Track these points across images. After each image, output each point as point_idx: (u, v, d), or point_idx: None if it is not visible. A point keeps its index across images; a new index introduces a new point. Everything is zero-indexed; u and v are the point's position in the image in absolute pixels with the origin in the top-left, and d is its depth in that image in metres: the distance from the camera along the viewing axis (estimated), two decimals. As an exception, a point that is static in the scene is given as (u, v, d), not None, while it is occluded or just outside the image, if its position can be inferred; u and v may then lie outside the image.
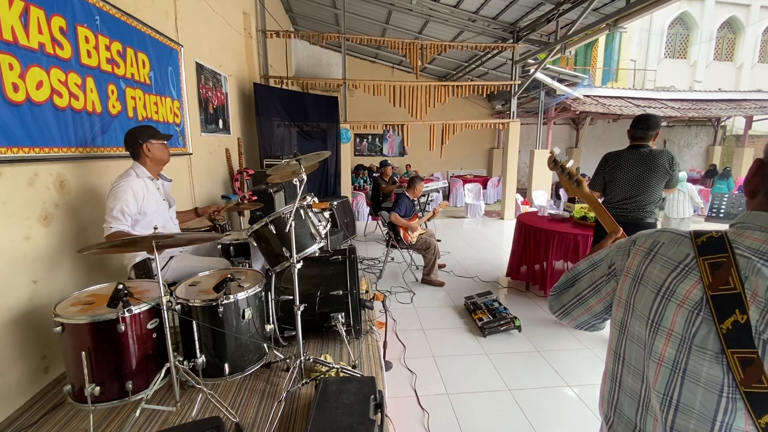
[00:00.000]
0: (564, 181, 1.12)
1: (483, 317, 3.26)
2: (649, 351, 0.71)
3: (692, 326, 0.63)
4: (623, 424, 0.78)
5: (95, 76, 2.28)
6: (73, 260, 2.15)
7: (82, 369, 1.50)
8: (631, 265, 0.75)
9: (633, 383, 0.76)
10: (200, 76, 3.86)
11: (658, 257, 0.71)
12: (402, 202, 4.42)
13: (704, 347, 0.62)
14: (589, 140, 13.35)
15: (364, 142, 12.88)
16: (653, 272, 0.70)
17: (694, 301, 0.63)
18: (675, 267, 0.68)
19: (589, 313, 0.88)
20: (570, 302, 0.90)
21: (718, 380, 0.60)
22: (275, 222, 1.87)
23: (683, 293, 0.65)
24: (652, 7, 4.29)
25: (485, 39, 7.59)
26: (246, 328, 1.81)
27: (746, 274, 0.59)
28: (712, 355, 0.61)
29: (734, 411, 0.59)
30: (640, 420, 0.74)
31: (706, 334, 0.62)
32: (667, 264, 0.69)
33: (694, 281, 0.64)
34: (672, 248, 0.69)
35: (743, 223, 0.64)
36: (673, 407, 0.66)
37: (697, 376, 0.63)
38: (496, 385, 2.50)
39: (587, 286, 0.86)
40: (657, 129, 2.68)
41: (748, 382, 0.57)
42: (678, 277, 0.67)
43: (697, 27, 14.39)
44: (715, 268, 0.62)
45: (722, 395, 0.60)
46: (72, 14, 2.13)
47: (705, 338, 0.62)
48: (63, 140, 2.06)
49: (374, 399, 1.72)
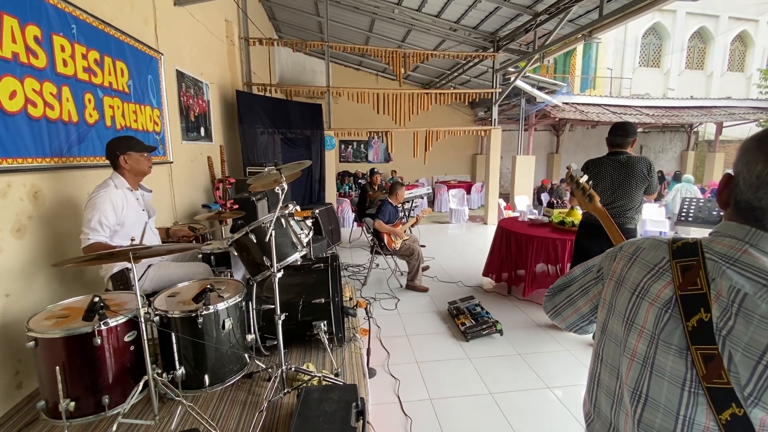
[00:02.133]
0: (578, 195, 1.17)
1: (466, 322, 3.30)
2: (623, 347, 0.75)
3: (661, 322, 0.68)
4: (601, 421, 0.82)
5: (71, 85, 2.25)
6: (48, 273, 2.10)
7: (56, 384, 1.47)
8: (616, 269, 0.80)
9: (609, 380, 0.80)
10: (181, 84, 3.84)
11: (638, 260, 0.76)
12: (385, 208, 4.45)
13: (669, 342, 0.66)
14: (569, 146, 13.69)
15: (349, 148, 12.91)
16: (632, 274, 0.75)
17: (665, 299, 0.68)
18: (651, 269, 0.72)
19: (577, 314, 0.92)
20: (561, 303, 0.95)
21: (681, 374, 0.65)
22: (255, 231, 1.87)
23: (655, 292, 0.70)
24: (624, 19, 4.46)
25: (467, 48, 7.75)
26: (226, 338, 1.80)
27: (713, 276, 0.64)
28: (676, 350, 0.65)
29: (696, 405, 0.63)
30: (614, 416, 0.79)
31: (673, 330, 0.66)
32: (645, 266, 0.74)
33: (666, 281, 0.69)
34: (651, 252, 0.74)
35: (718, 231, 0.69)
36: (642, 401, 0.70)
37: (663, 370, 0.67)
38: (478, 388, 2.54)
39: (577, 289, 0.91)
40: (634, 136, 2.78)
41: (710, 377, 0.61)
42: (652, 278, 0.71)
43: (670, 37, 14.96)
44: (685, 270, 0.67)
45: (684, 389, 0.64)
46: (47, 23, 2.11)
47: (671, 334, 0.66)
48: (37, 150, 2.02)
49: (356, 406, 1.73)
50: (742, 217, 0.66)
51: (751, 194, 0.63)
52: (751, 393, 0.58)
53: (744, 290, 0.61)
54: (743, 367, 0.59)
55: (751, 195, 0.63)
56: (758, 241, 0.63)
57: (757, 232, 0.64)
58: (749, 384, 0.58)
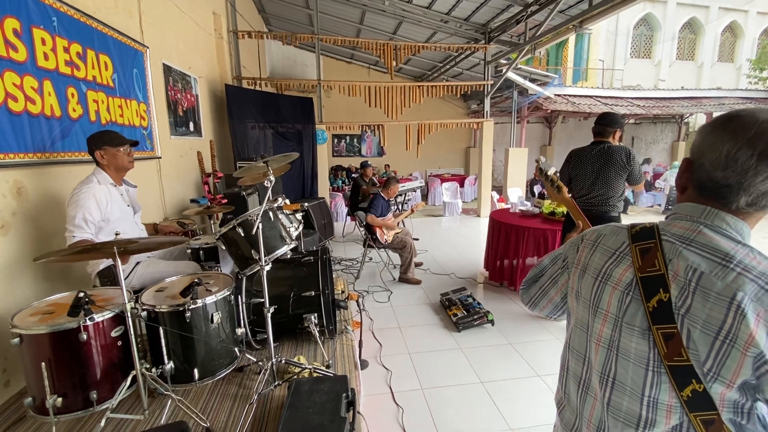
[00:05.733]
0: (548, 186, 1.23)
1: (458, 313, 3.33)
2: (590, 333, 0.77)
3: (624, 305, 0.70)
4: (570, 408, 0.84)
5: (53, 79, 2.21)
6: (34, 270, 2.08)
7: (43, 380, 1.46)
8: (580, 258, 0.81)
9: (575, 366, 0.82)
10: (168, 78, 3.78)
11: (599, 247, 0.78)
12: (377, 202, 4.45)
13: (632, 324, 0.68)
14: (561, 138, 13.72)
15: (342, 142, 12.85)
16: (595, 260, 0.77)
17: (626, 282, 0.70)
18: (612, 254, 0.75)
19: (551, 304, 0.94)
20: (536, 294, 0.97)
21: (644, 355, 0.67)
22: (243, 225, 1.86)
23: (617, 276, 0.72)
24: (613, 9, 4.47)
25: (458, 40, 7.71)
26: (215, 332, 1.80)
27: (670, 257, 0.66)
28: (639, 331, 0.67)
29: (659, 384, 0.65)
30: (580, 402, 0.80)
31: (635, 312, 0.68)
32: (606, 252, 0.76)
33: (626, 265, 0.71)
34: (612, 238, 0.76)
35: (675, 213, 0.71)
36: (610, 384, 0.72)
37: (628, 352, 0.69)
38: (469, 378, 2.56)
39: (548, 279, 0.93)
40: (615, 126, 2.80)
41: (671, 356, 0.63)
42: (614, 263, 0.74)
43: (660, 28, 15.00)
44: (644, 252, 0.69)
45: (648, 369, 0.66)
46: (27, 16, 2.06)
47: (633, 316, 0.68)
48: (19, 146, 1.99)
49: (346, 397, 1.74)
50: (704, 197, 0.68)
51: (720, 173, 0.65)
52: (710, 369, 0.60)
53: (700, 269, 0.63)
54: (702, 344, 0.61)
55: (720, 174, 0.65)
56: (713, 219, 0.66)
57: (712, 210, 0.66)
58: (708, 360, 0.60)
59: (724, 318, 0.59)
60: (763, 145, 0.61)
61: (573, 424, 0.82)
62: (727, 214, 0.66)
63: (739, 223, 0.65)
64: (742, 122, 0.63)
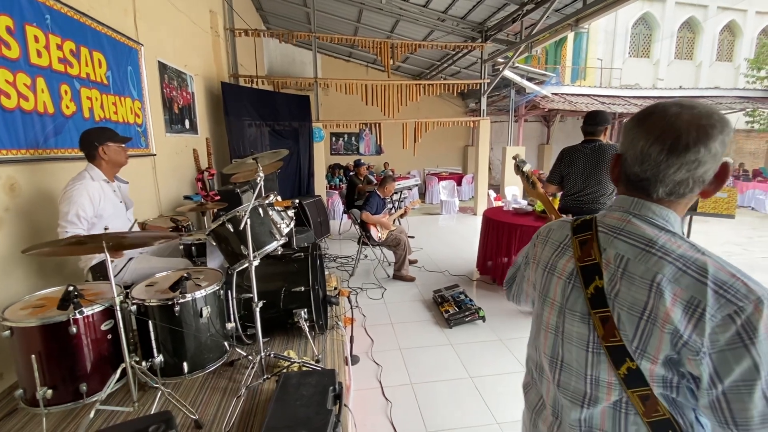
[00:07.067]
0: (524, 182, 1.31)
1: (449, 309, 3.36)
2: (541, 321, 0.82)
3: (567, 293, 0.75)
4: (535, 389, 0.89)
5: (46, 76, 2.23)
6: (27, 265, 2.10)
7: (33, 372, 1.49)
8: (536, 252, 0.86)
9: (533, 352, 0.88)
10: (164, 76, 3.80)
11: (549, 241, 0.83)
12: (373, 200, 4.47)
13: (574, 310, 0.74)
14: (559, 137, 13.74)
15: (340, 140, 12.86)
16: (545, 254, 0.83)
17: (568, 272, 0.75)
18: (558, 246, 0.80)
19: (529, 298, 0.99)
20: (516, 291, 1.02)
21: (585, 338, 0.72)
22: (232, 221, 1.89)
23: (561, 267, 0.77)
24: (607, 8, 4.48)
25: (455, 38, 7.72)
26: (204, 326, 1.83)
27: (604, 247, 0.71)
28: (580, 316, 0.72)
29: (599, 364, 0.70)
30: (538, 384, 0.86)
31: (576, 298, 0.73)
32: (553, 245, 0.81)
33: (568, 256, 0.76)
34: (558, 232, 0.82)
35: (612, 206, 0.76)
36: (559, 367, 0.77)
37: (571, 336, 0.74)
38: (458, 373, 2.59)
39: (520, 276, 0.98)
40: (605, 124, 2.83)
41: (607, 337, 0.68)
42: (558, 255, 0.79)
43: (659, 27, 15.00)
44: (583, 244, 0.74)
45: (588, 350, 0.71)
46: (20, 13, 2.09)
47: (575, 302, 0.73)
48: (12, 142, 2.02)
49: (333, 390, 1.77)
50: (630, 189, 0.73)
51: (638, 167, 0.70)
52: (637, 347, 0.65)
53: (627, 256, 0.68)
54: (629, 325, 0.66)
55: (638, 168, 0.70)
56: (640, 209, 0.71)
57: (639, 201, 0.71)
58: (635, 339, 0.65)
59: (647, 299, 0.64)
60: (671, 139, 0.65)
61: (536, 404, 0.87)
62: (652, 204, 0.70)
63: (665, 211, 0.69)
64: (654, 119, 0.68)
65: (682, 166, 0.65)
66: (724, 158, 0.68)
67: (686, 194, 0.69)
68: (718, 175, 0.67)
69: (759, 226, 7.71)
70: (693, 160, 0.64)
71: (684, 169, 0.65)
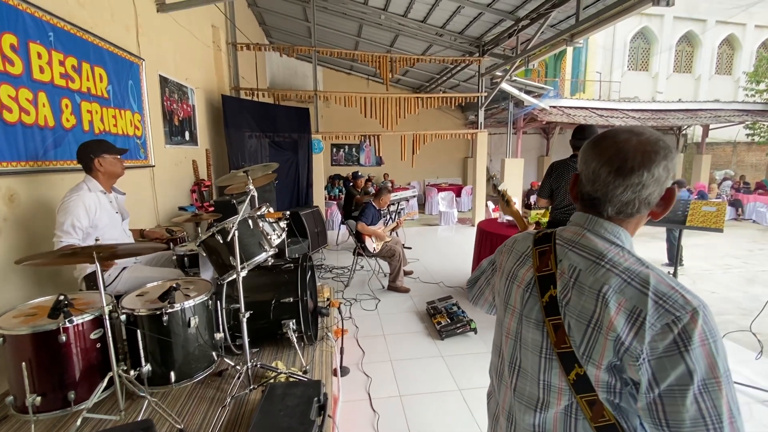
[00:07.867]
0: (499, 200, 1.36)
1: (442, 321, 3.37)
2: (503, 327, 0.86)
3: (525, 301, 0.79)
4: (494, 397, 0.92)
5: (48, 90, 2.31)
6: (23, 275, 2.15)
7: (23, 380, 1.53)
8: (502, 262, 0.91)
9: (495, 359, 0.92)
10: (164, 89, 3.90)
11: (512, 251, 0.88)
12: (368, 211, 4.52)
13: (530, 317, 0.78)
14: (559, 149, 13.80)
15: (341, 152, 12.99)
16: (508, 263, 0.87)
17: (527, 281, 0.80)
18: (519, 257, 0.85)
19: (487, 303, 1.03)
20: (476, 293, 1.06)
21: (539, 344, 0.76)
22: (221, 232, 1.93)
23: (521, 276, 0.82)
24: (600, 25, 4.56)
25: (453, 52, 7.86)
26: (193, 336, 1.86)
27: (560, 258, 0.76)
28: (535, 323, 0.77)
29: (551, 369, 0.74)
30: (498, 391, 0.89)
31: (533, 306, 0.78)
32: (516, 255, 0.86)
33: (528, 266, 0.81)
34: (521, 243, 0.86)
35: (570, 221, 0.81)
36: (516, 372, 0.81)
37: (527, 342, 0.79)
38: (447, 385, 2.60)
39: (484, 281, 1.02)
40: None
41: (559, 344, 0.72)
42: (519, 264, 0.84)
43: (657, 41, 15.16)
44: (542, 255, 0.79)
45: (542, 356, 0.75)
46: (24, 31, 2.17)
47: (531, 310, 0.78)
48: (12, 155, 2.08)
49: (317, 401, 1.79)
50: (586, 207, 0.78)
51: (590, 187, 0.75)
52: (583, 353, 0.69)
53: (579, 267, 0.72)
54: (577, 332, 0.70)
55: (590, 187, 0.75)
56: (594, 225, 0.75)
57: (593, 218, 0.75)
58: (581, 345, 0.69)
59: (594, 308, 0.68)
60: (619, 162, 0.70)
61: (494, 412, 0.90)
62: (605, 221, 0.74)
63: (616, 228, 0.74)
64: (607, 143, 0.73)
65: (627, 187, 0.70)
66: (672, 182, 0.73)
67: (634, 214, 0.73)
68: (664, 198, 0.72)
69: (760, 239, 7.69)
70: (637, 182, 0.69)
71: (630, 190, 0.70)
